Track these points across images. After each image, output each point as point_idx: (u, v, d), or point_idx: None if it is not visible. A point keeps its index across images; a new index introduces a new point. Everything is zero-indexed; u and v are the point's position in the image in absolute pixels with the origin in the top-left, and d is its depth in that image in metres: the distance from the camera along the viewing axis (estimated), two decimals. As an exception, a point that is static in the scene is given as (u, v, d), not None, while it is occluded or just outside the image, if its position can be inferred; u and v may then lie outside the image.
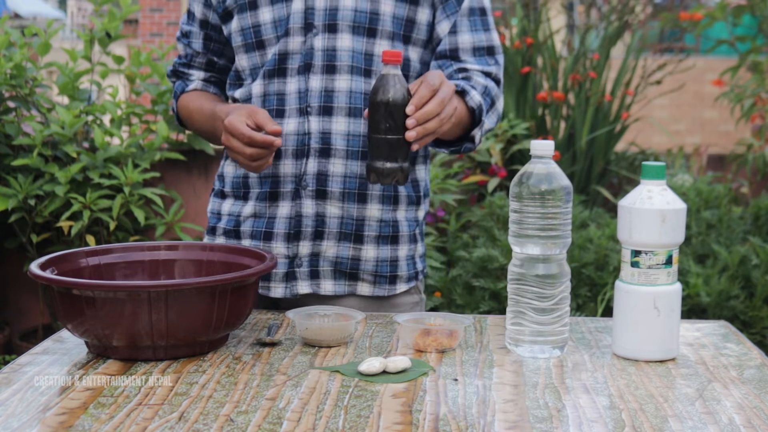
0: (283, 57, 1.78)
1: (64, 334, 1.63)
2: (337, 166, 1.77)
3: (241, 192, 1.86)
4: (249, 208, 1.84)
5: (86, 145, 3.87)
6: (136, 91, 4.06)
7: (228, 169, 1.89)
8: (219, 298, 1.48)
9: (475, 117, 1.78)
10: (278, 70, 1.79)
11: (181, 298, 1.45)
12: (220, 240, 1.88)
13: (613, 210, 3.99)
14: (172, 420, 1.24)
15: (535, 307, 1.53)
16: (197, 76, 1.96)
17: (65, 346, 1.57)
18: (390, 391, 1.36)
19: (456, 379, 1.41)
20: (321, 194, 1.78)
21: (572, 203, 1.55)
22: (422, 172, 1.89)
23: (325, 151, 1.77)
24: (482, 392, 1.36)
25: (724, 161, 4.47)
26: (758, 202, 3.88)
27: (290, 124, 1.78)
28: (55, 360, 1.49)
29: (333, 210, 1.79)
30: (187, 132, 4.03)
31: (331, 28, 1.76)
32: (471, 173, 4.00)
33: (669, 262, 1.52)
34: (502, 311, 3.10)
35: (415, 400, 1.32)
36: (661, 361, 1.53)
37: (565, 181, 1.53)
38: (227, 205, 1.89)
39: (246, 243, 1.84)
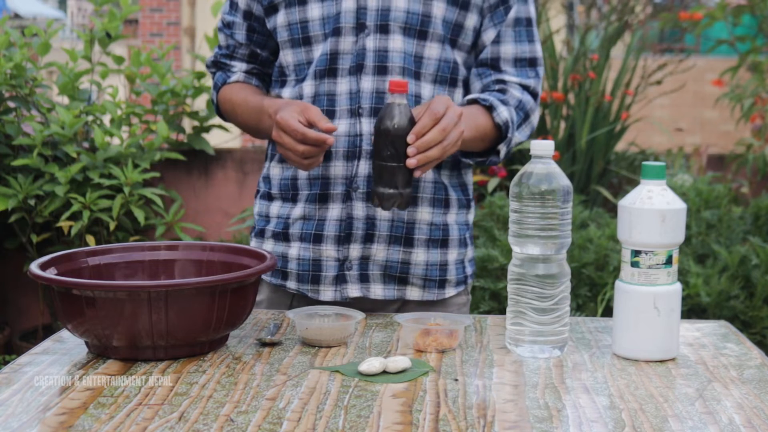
0: (333, 57, 1.76)
1: (64, 334, 1.63)
2: None
3: (290, 194, 1.83)
4: (298, 210, 1.82)
5: (86, 145, 3.87)
6: (136, 91, 4.06)
7: (275, 170, 1.87)
8: (219, 298, 1.48)
9: (502, 132, 1.78)
10: (329, 70, 1.76)
11: (181, 298, 1.45)
12: (269, 244, 1.86)
13: (613, 210, 3.99)
14: (172, 420, 1.24)
15: (535, 307, 1.53)
16: (239, 67, 1.92)
17: (65, 346, 1.57)
18: (390, 391, 1.36)
19: (456, 379, 1.41)
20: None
21: (572, 203, 1.55)
22: (469, 176, 1.89)
23: None
24: (482, 392, 1.36)
25: (724, 161, 4.47)
26: (758, 202, 3.88)
27: (341, 126, 1.75)
28: (55, 360, 1.49)
29: (384, 213, 1.77)
30: (187, 132, 4.04)
31: (383, 29, 1.74)
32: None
33: (669, 262, 1.52)
34: (502, 311, 3.10)
35: (415, 400, 1.32)
36: (661, 361, 1.53)
37: (565, 181, 1.53)
38: (275, 208, 1.86)
39: (295, 245, 1.81)
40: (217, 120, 4.10)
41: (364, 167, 1.76)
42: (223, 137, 4.68)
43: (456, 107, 1.63)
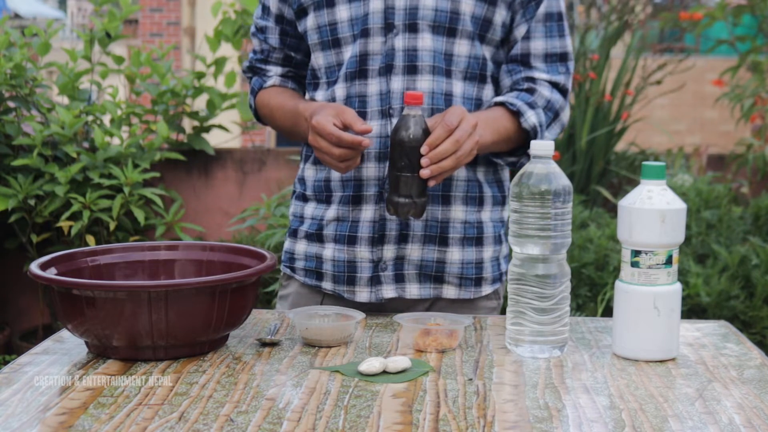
0: (363, 58, 1.76)
1: (64, 334, 1.63)
2: None
3: (324, 195, 1.83)
4: (332, 211, 1.82)
5: (86, 145, 3.88)
6: (136, 91, 4.06)
7: (308, 172, 1.87)
8: (219, 298, 1.48)
9: (530, 136, 1.78)
10: (359, 72, 1.76)
11: (181, 298, 1.45)
12: (302, 244, 1.86)
13: (613, 210, 3.99)
14: (172, 420, 1.24)
15: (535, 307, 1.53)
16: (275, 71, 1.92)
17: (65, 346, 1.57)
18: (390, 391, 1.36)
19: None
20: None
21: (572, 203, 1.55)
22: (506, 172, 1.89)
23: None
24: (482, 392, 1.36)
25: (724, 161, 4.47)
26: (758, 202, 3.88)
27: (373, 127, 1.75)
28: (55, 360, 1.49)
29: None
30: (187, 132, 4.04)
31: (412, 28, 1.74)
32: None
33: (669, 262, 1.52)
34: (502, 311, 3.10)
35: (415, 400, 1.32)
36: (661, 361, 1.53)
37: (565, 181, 1.53)
38: (310, 209, 1.86)
39: (329, 247, 1.81)
40: (217, 120, 4.10)
41: None
42: (223, 137, 4.68)
43: (470, 117, 1.63)
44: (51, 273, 1.54)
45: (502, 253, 1.89)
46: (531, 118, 1.76)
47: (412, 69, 1.74)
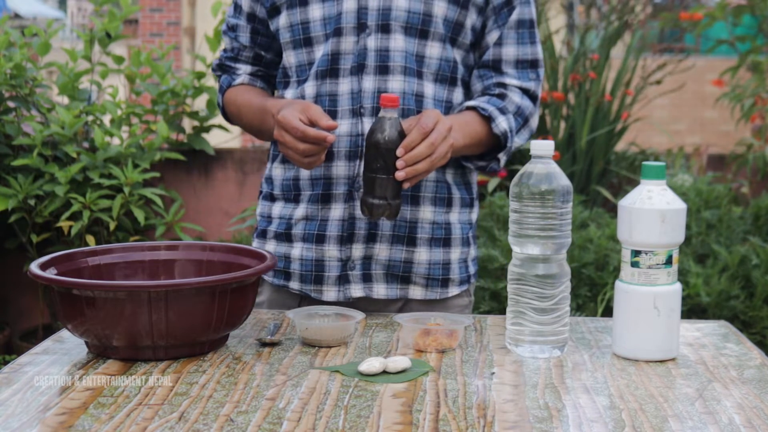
0: (335, 57, 1.76)
1: (64, 334, 1.63)
2: None
3: (292, 194, 1.84)
4: (301, 210, 1.82)
5: (86, 145, 3.87)
6: (136, 91, 4.06)
7: (277, 171, 1.87)
8: (219, 298, 1.48)
9: (500, 141, 1.80)
10: (330, 70, 1.77)
11: (181, 298, 1.45)
12: (271, 244, 1.86)
13: (613, 210, 3.99)
14: (172, 420, 1.24)
15: (535, 307, 1.53)
16: (244, 70, 1.93)
17: (65, 346, 1.57)
18: (390, 391, 1.36)
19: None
20: None
21: (572, 203, 1.55)
22: (474, 175, 1.90)
23: None
24: (482, 392, 1.36)
25: (724, 161, 4.46)
26: (758, 202, 3.88)
27: (343, 126, 1.76)
28: (55, 360, 1.49)
29: None
30: (187, 132, 4.04)
31: (384, 29, 1.75)
32: (471, 173, 4.00)
33: (669, 262, 1.52)
34: (502, 311, 3.10)
35: (415, 400, 1.32)
36: (661, 361, 1.53)
37: (565, 181, 1.53)
38: (278, 208, 1.87)
39: (298, 246, 1.82)
40: (217, 120, 4.10)
41: None
42: (223, 137, 4.68)
43: (445, 120, 1.64)
44: (51, 273, 1.54)
45: (470, 255, 1.89)
46: (502, 123, 1.78)
47: (383, 69, 1.75)
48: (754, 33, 4.65)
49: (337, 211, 1.79)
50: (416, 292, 1.82)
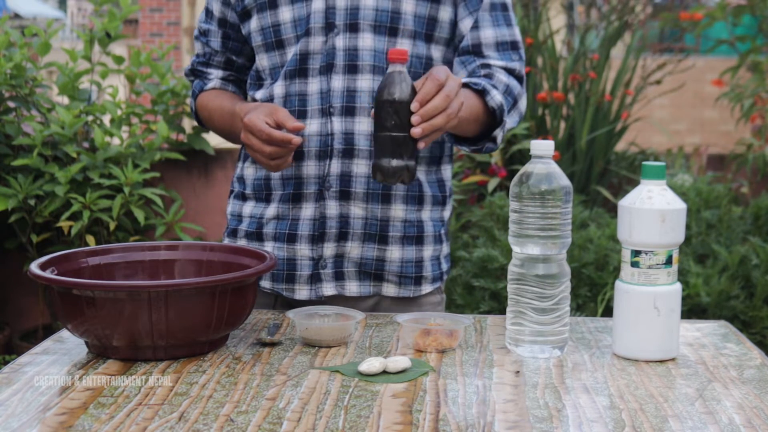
0: (304, 57, 1.77)
1: (64, 334, 1.63)
2: (360, 167, 1.76)
3: (263, 194, 1.84)
4: (272, 210, 1.83)
5: (86, 145, 3.87)
6: (136, 91, 4.06)
7: (248, 171, 1.88)
8: (219, 298, 1.48)
9: (496, 117, 1.76)
10: (299, 70, 1.77)
11: (181, 298, 1.45)
12: (242, 243, 1.87)
13: (613, 210, 3.99)
14: (172, 420, 1.24)
15: (535, 307, 1.53)
16: (216, 74, 1.95)
17: (65, 346, 1.57)
18: (390, 391, 1.36)
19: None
20: (345, 195, 1.77)
21: (572, 203, 1.55)
22: (447, 172, 1.89)
23: (349, 152, 1.76)
24: (482, 392, 1.36)
25: (724, 161, 4.47)
26: (758, 202, 3.88)
27: (313, 125, 1.76)
28: (55, 360, 1.49)
29: (357, 211, 1.78)
30: (187, 132, 4.04)
31: (353, 28, 1.75)
32: (471, 173, 4.00)
33: (669, 262, 1.52)
34: (502, 311, 3.10)
35: (415, 400, 1.32)
36: (661, 361, 1.53)
37: (565, 181, 1.53)
38: (248, 208, 1.87)
39: (269, 245, 1.83)
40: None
41: (336, 166, 1.77)
42: (223, 137, 4.67)
43: (455, 77, 1.60)
44: (51, 273, 1.54)
45: (443, 252, 1.89)
46: (496, 96, 1.75)
47: (352, 68, 1.75)
48: (754, 33, 4.65)
49: (308, 211, 1.79)
50: (389, 290, 1.83)
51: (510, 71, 1.81)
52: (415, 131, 1.53)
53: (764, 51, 4.66)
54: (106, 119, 3.96)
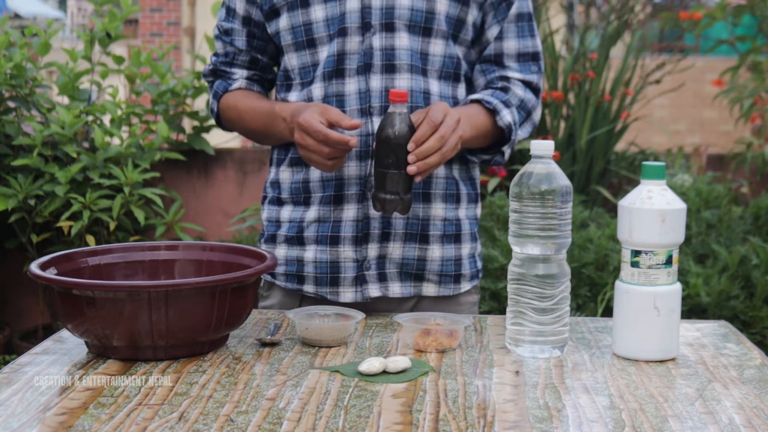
0: (341, 57, 1.76)
1: (64, 334, 1.63)
2: None
3: (302, 197, 1.83)
4: (312, 213, 1.81)
5: (86, 145, 3.87)
6: (136, 91, 4.06)
7: (284, 175, 1.86)
8: (219, 298, 1.48)
9: (505, 134, 1.81)
10: (336, 71, 1.77)
11: (181, 298, 1.45)
12: (282, 249, 1.85)
13: (613, 210, 3.99)
14: (172, 420, 1.24)
15: (535, 307, 1.53)
16: (240, 74, 1.91)
17: (65, 346, 1.57)
18: (390, 391, 1.36)
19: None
20: None
21: (572, 203, 1.55)
22: (476, 170, 1.91)
23: None
24: (482, 392, 1.36)
25: (724, 161, 4.47)
26: (758, 202, 3.88)
27: None
28: (55, 360, 1.49)
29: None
30: (187, 132, 4.04)
31: (389, 27, 1.75)
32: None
33: (669, 262, 1.52)
34: (502, 311, 3.10)
35: (415, 400, 1.32)
36: (661, 361, 1.53)
37: (565, 181, 1.53)
38: (287, 212, 1.85)
39: (311, 249, 1.81)
40: (216, 120, 4.10)
41: None
42: (223, 137, 4.68)
43: (453, 113, 1.65)
44: (51, 273, 1.54)
45: (477, 250, 1.90)
46: (506, 116, 1.79)
47: (390, 68, 1.75)
48: (754, 33, 4.65)
49: (350, 212, 1.78)
50: (429, 289, 1.83)
51: (527, 84, 1.85)
52: (411, 169, 1.61)
53: (764, 51, 4.66)
54: (106, 119, 3.96)
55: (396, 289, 1.81)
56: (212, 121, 4.06)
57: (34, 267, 1.52)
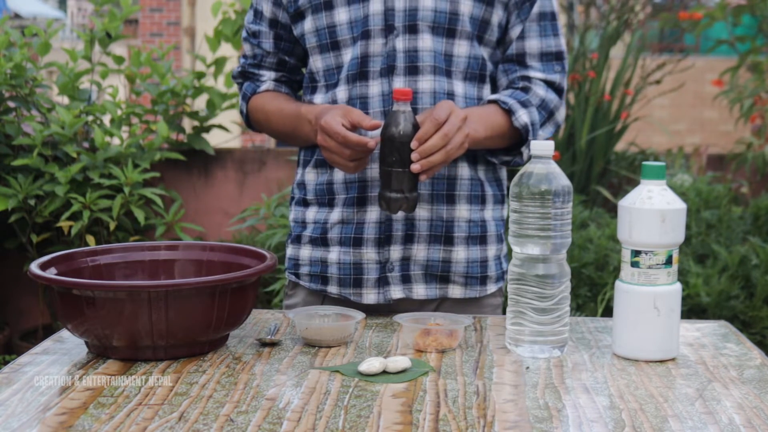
0: (364, 60, 1.76)
1: (64, 334, 1.63)
2: None
3: (326, 199, 1.83)
4: (336, 214, 1.81)
5: (86, 145, 3.88)
6: (136, 91, 4.06)
7: (309, 176, 1.86)
8: (219, 298, 1.48)
9: (522, 135, 1.79)
10: (360, 73, 1.76)
11: (181, 298, 1.45)
12: (306, 249, 1.85)
13: (613, 210, 3.99)
14: (172, 420, 1.24)
15: (535, 307, 1.53)
16: (268, 76, 1.91)
17: (65, 346, 1.57)
18: (390, 391, 1.36)
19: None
20: None
21: (572, 203, 1.55)
22: (503, 171, 1.90)
23: None
24: (482, 392, 1.36)
25: (724, 161, 4.47)
26: (758, 202, 3.88)
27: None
28: (55, 360, 1.49)
29: (422, 212, 1.77)
30: (187, 132, 4.04)
31: (412, 29, 1.75)
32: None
33: (669, 262, 1.52)
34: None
35: (415, 400, 1.32)
36: (661, 361, 1.53)
37: (565, 181, 1.53)
38: (312, 213, 1.86)
39: (335, 250, 1.81)
40: (216, 120, 4.10)
41: None
42: (223, 137, 4.68)
43: (459, 111, 1.64)
44: (51, 273, 1.54)
45: (503, 251, 1.89)
46: (522, 116, 1.77)
47: (413, 70, 1.75)
48: (754, 33, 4.65)
49: (373, 214, 1.78)
50: (456, 291, 1.82)
51: (549, 83, 1.84)
52: (414, 167, 1.61)
53: (764, 51, 4.66)
54: (106, 119, 3.96)
55: (420, 290, 1.81)
56: (212, 121, 4.06)
57: (34, 267, 1.52)
